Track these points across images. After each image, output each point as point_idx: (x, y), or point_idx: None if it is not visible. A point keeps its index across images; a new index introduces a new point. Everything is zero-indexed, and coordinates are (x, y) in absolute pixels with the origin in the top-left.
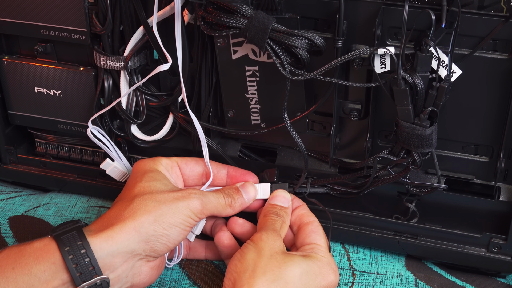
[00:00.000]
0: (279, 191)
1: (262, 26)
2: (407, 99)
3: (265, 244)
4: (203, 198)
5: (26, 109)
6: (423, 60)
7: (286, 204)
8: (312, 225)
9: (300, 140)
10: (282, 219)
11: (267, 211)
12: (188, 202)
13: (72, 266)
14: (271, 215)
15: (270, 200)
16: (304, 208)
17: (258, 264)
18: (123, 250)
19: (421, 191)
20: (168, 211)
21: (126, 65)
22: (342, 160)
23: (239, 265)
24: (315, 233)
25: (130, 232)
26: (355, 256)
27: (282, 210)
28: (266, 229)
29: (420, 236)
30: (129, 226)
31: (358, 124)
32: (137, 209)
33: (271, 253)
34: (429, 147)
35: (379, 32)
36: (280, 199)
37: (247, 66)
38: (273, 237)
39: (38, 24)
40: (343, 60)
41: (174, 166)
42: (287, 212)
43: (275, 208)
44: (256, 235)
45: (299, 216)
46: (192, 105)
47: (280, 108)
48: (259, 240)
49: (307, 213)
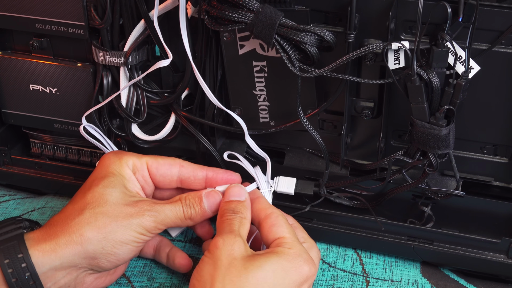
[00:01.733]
0: (232, 186)
1: (269, 21)
2: (422, 97)
3: (221, 251)
4: (157, 215)
5: (21, 107)
6: (439, 55)
7: (242, 197)
8: (270, 219)
9: (318, 135)
10: (240, 216)
11: (222, 211)
12: (141, 220)
13: (12, 281)
14: (227, 214)
15: (224, 197)
16: (260, 201)
17: (215, 277)
18: (67, 265)
19: (437, 195)
20: (118, 228)
21: (126, 61)
22: (354, 161)
23: (197, 284)
24: (275, 225)
25: (76, 248)
26: (368, 261)
27: (239, 204)
28: (221, 232)
29: (436, 242)
30: (76, 241)
31: (371, 123)
32: (86, 223)
33: (229, 260)
34: (446, 148)
35: (392, 26)
36: (235, 193)
37: (255, 61)
38: (229, 241)
39: (33, 18)
40: (355, 55)
41: (142, 170)
42: (245, 205)
43: (231, 204)
44: (211, 243)
45: (256, 211)
46: (196, 102)
47: (290, 105)
48: (215, 249)
49: (264, 206)
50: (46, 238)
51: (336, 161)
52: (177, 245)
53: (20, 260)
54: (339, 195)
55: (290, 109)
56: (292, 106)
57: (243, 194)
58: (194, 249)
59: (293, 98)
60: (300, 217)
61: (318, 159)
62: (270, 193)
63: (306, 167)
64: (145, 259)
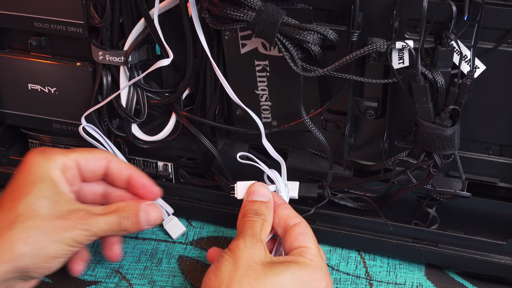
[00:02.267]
0: (256, 184)
1: (271, 20)
2: (427, 97)
3: (243, 253)
4: (90, 228)
5: (19, 107)
6: (444, 54)
7: (266, 198)
8: (299, 227)
9: (321, 135)
10: (262, 218)
11: (245, 211)
12: (74, 233)
13: None
14: (250, 215)
15: (248, 196)
16: (286, 207)
17: (233, 277)
18: None
19: (442, 196)
20: (50, 244)
21: (126, 60)
22: (358, 162)
23: (214, 278)
24: (303, 235)
25: (7, 265)
26: (372, 263)
27: (262, 205)
28: (243, 234)
29: (441, 244)
30: (6, 259)
31: (375, 124)
32: (17, 240)
33: (249, 263)
34: (451, 148)
35: (397, 25)
36: (259, 193)
37: (257, 61)
38: (251, 244)
39: (31, 16)
40: (359, 54)
41: (71, 168)
42: (268, 206)
43: (254, 204)
44: (233, 243)
45: (283, 217)
46: (197, 102)
47: (292, 105)
48: (236, 249)
49: (292, 213)
50: None
51: (339, 162)
52: (177, 248)
53: None
54: (344, 196)
55: (292, 109)
56: (294, 106)
57: (267, 194)
58: (195, 251)
59: (296, 98)
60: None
61: (321, 160)
62: (287, 197)
63: (309, 168)
64: (145, 261)
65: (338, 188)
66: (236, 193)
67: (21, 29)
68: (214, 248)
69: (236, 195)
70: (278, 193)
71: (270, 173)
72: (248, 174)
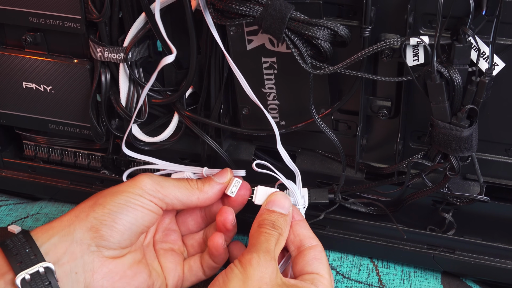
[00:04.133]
0: (278, 194)
1: (279, 14)
2: (443, 96)
3: (255, 271)
4: (155, 177)
5: (13, 107)
6: (461, 51)
7: (286, 211)
8: (314, 251)
9: (333, 135)
10: (278, 232)
11: (262, 220)
12: (135, 179)
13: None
14: (266, 227)
15: (267, 204)
16: (304, 226)
17: None
18: (66, 239)
19: (459, 200)
20: (110, 191)
21: (126, 57)
22: (370, 164)
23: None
24: (318, 260)
25: (70, 219)
26: (385, 271)
27: (281, 218)
28: (257, 249)
29: (458, 250)
30: (70, 214)
31: (388, 124)
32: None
33: (260, 284)
34: (469, 150)
35: (411, 20)
36: (280, 204)
37: (264, 57)
38: (265, 262)
39: (26, 11)
40: (371, 51)
41: None
42: (287, 220)
43: (273, 215)
44: (245, 256)
45: (299, 236)
46: (201, 102)
47: (301, 104)
48: (248, 265)
49: (309, 234)
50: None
51: (351, 164)
52: None
53: (20, 238)
54: (355, 201)
55: (301, 109)
56: (303, 105)
57: (287, 207)
58: None
59: (305, 96)
60: (312, 224)
61: (332, 162)
62: (304, 210)
63: (319, 170)
64: None
65: (350, 192)
66: (254, 198)
67: (15, 24)
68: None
69: (254, 199)
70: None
71: (287, 184)
72: (257, 179)
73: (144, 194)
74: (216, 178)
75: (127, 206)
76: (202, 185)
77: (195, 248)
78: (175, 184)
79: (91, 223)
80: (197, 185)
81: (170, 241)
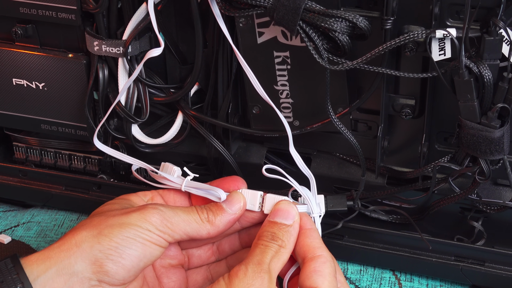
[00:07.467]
0: (282, 203)
1: (292, 5)
2: (472, 93)
3: (240, 282)
4: (164, 209)
5: (2, 105)
6: (491, 44)
7: (289, 221)
8: (316, 262)
9: (352, 136)
10: (278, 244)
11: (261, 232)
12: (143, 213)
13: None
14: (264, 239)
15: (270, 215)
16: (311, 235)
17: None
18: (65, 272)
19: (490, 208)
20: (116, 222)
21: (126, 51)
22: (392, 168)
23: None
24: (318, 273)
25: (71, 249)
26: (409, 285)
27: (283, 229)
28: (248, 261)
29: (488, 262)
30: (69, 242)
31: (412, 124)
32: (80, 226)
33: None
34: (499, 152)
35: (437, 10)
36: (282, 214)
37: (276, 52)
38: (253, 273)
39: (16, 1)
40: (393, 45)
41: None
42: (290, 231)
43: (273, 226)
44: (234, 269)
45: (303, 246)
46: (207, 100)
47: (316, 103)
48: (234, 277)
49: (314, 243)
50: (39, 253)
51: (371, 168)
52: None
53: (11, 271)
54: (376, 208)
55: (317, 107)
56: (319, 104)
57: (291, 216)
58: None
59: (321, 94)
60: (329, 234)
61: (350, 166)
62: (319, 218)
63: (336, 175)
64: None
65: (370, 198)
66: (263, 207)
67: (4, 15)
68: None
69: (263, 208)
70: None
71: (301, 191)
72: (268, 184)
73: (153, 229)
74: (227, 207)
75: (136, 241)
76: (214, 217)
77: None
78: (185, 218)
79: (96, 256)
80: (207, 217)
81: (169, 256)
